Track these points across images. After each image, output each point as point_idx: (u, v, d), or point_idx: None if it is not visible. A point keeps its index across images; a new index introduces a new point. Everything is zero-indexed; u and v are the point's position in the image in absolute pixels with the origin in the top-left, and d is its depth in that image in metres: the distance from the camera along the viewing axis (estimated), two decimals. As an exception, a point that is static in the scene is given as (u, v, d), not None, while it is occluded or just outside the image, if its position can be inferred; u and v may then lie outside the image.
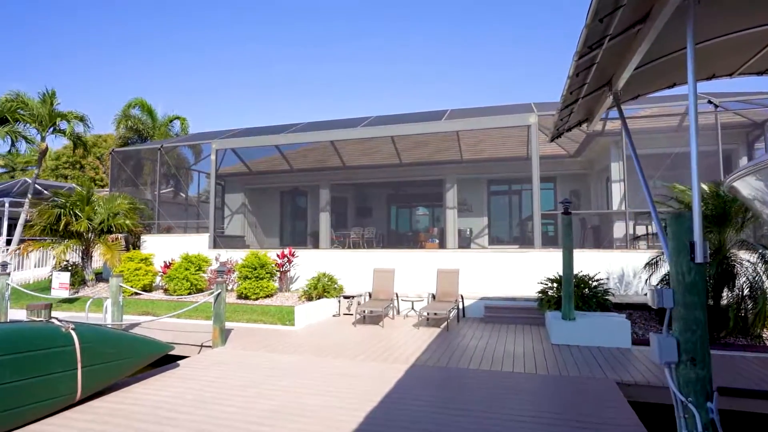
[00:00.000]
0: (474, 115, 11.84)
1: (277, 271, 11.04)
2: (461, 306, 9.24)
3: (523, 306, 8.79)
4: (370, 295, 9.64)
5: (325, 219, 15.04)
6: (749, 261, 6.90)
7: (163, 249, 12.99)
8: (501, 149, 13.82)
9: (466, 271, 9.84)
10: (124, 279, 10.42)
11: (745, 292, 6.69)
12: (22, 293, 9.97)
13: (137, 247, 13.54)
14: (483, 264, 10.34)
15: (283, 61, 72.69)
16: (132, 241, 13.86)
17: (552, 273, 8.44)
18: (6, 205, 17.84)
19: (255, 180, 17.10)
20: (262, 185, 17.36)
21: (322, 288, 9.95)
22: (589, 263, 8.97)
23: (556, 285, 8.08)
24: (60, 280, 9.90)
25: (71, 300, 10.94)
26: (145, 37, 64.75)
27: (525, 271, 9.82)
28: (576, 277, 7.68)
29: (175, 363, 6.01)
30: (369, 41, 72.71)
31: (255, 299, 10.39)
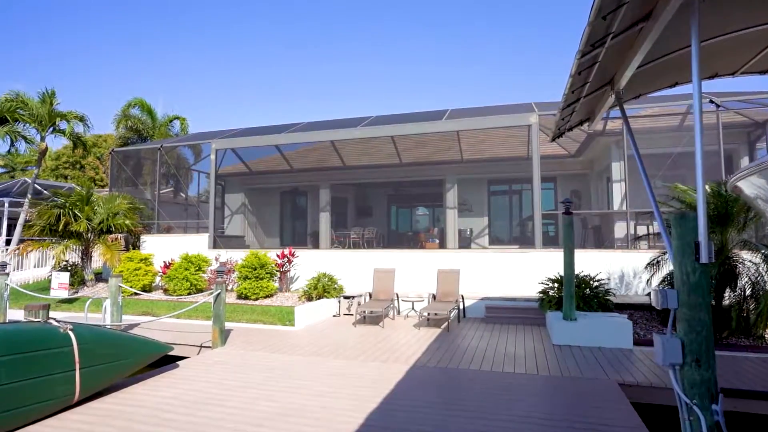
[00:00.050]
0: (474, 115, 11.81)
1: (277, 272, 11.02)
2: (462, 306, 9.22)
3: (524, 306, 8.77)
4: (370, 296, 9.61)
5: (325, 219, 15.01)
6: (751, 261, 6.87)
7: (163, 249, 12.97)
8: (501, 149, 13.79)
9: (466, 272, 9.81)
10: (123, 279, 10.40)
11: (747, 292, 6.66)
12: (21, 293, 9.94)
13: (137, 247, 13.52)
14: (483, 264, 10.32)
15: (283, 61, 72.77)
16: (132, 241, 13.83)
17: (553, 273, 8.41)
18: (5, 205, 17.80)
19: (255, 180, 17.07)
20: (262, 185, 17.33)
21: (322, 288, 9.92)
22: (590, 263, 8.95)
23: (557, 285, 8.04)
24: (59, 280, 9.86)
25: (70, 300, 10.91)
26: (145, 37, 64.81)
27: (525, 272, 9.80)
28: (577, 278, 7.66)
29: (175, 363, 5.98)
30: (369, 41, 72.73)
31: (255, 299, 10.36)
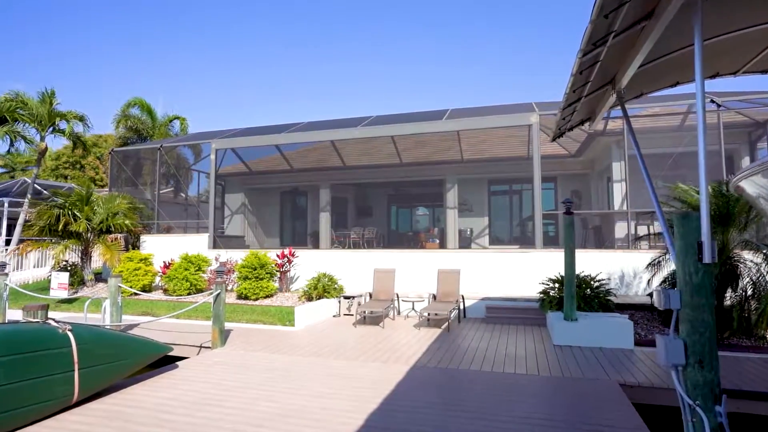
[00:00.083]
0: (474, 115, 11.79)
1: (277, 272, 11.00)
2: (462, 306, 9.20)
3: (525, 306, 8.75)
4: (370, 296, 9.59)
5: (326, 219, 15.00)
6: (752, 261, 6.85)
7: (163, 249, 12.95)
8: (502, 149, 13.76)
9: (466, 272, 9.79)
10: (123, 279, 10.38)
11: (749, 292, 6.64)
12: (20, 293, 9.93)
13: (137, 247, 13.49)
14: (484, 264, 10.30)
15: (283, 61, 72.77)
16: (131, 241, 13.81)
17: (553, 273, 8.39)
18: (5, 205, 17.78)
19: (255, 180, 17.05)
20: (262, 185, 17.31)
21: (322, 288, 9.90)
22: (591, 263, 8.92)
23: (557, 285, 8.02)
24: (59, 280, 9.84)
25: (70, 300, 10.90)
26: (145, 37, 64.81)
27: (526, 272, 9.78)
28: (578, 278, 7.63)
29: (174, 364, 5.96)
30: (369, 41, 72.73)
31: (255, 299, 10.34)
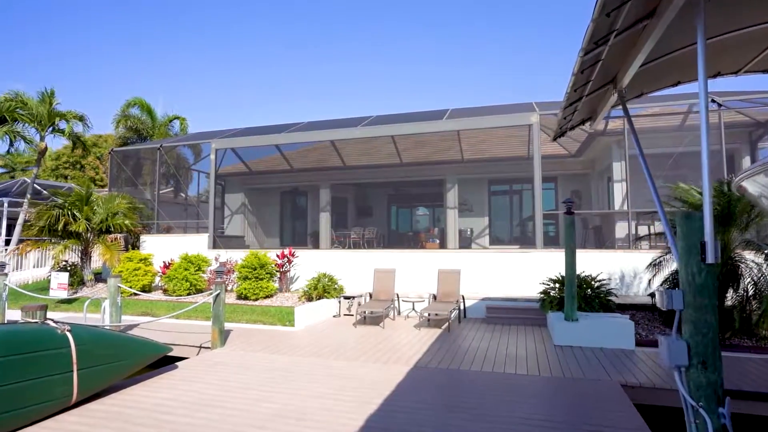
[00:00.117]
0: (475, 115, 11.77)
1: (277, 272, 10.98)
2: (462, 306, 9.18)
3: (525, 306, 8.73)
4: (370, 296, 9.57)
5: (326, 219, 14.98)
6: (754, 261, 6.83)
7: (163, 249, 12.93)
8: (502, 149, 13.75)
9: (467, 272, 9.77)
10: (122, 279, 10.37)
11: (750, 292, 6.62)
12: (20, 294, 9.91)
13: (136, 247, 13.48)
14: (484, 264, 10.28)
15: (283, 61, 72.76)
16: (131, 241, 13.79)
17: (553, 273, 8.37)
18: (5, 205, 17.77)
19: (255, 180, 17.03)
20: (262, 185, 17.29)
21: (322, 288, 9.89)
22: (591, 263, 8.90)
23: (558, 285, 8.00)
24: (58, 280, 9.83)
25: (70, 300, 10.88)
26: (145, 37, 64.80)
27: (526, 272, 9.76)
28: (578, 278, 7.62)
29: (174, 364, 5.94)
30: (369, 41, 72.73)
31: (255, 300, 10.32)
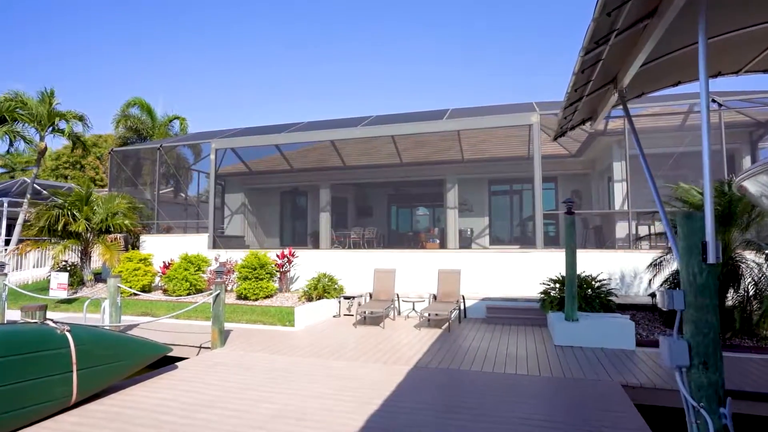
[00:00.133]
0: (475, 115, 11.76)
1: (277, 272, 10.97)
2: (463, 307, 9.17)
3: (525, 307, 8.72)
4: (370, 296, 9.56)
5: (326, 219, 14.97)
6: (754, 261, 6.82)
7: (163, 249, 12.92)
8: (502, 149, 13.74)
9: (467, 272, 9.76)
10: (122, 279, 10.36)
11: (750, 292, 6.62)
12: (20, 294, 9.90)
13: (136, 247, 13.47)
14: (484, 264, 10.27)
15: (283, 61, 72.77)
16: (131, 241, 13.79)
17: (554, 273, 8.36)
18: (5, 205, 17.77)
19: (255, 180, 17.03)
20: (262, 185, 17.28)
21: (322, 288, 9.88)
22: (591, 263, 8.90)
23: (558, 285, 7.99)
24: (58, 280, 9.82)
25: (69, 300, 10.87)
26: (145, 37, 64.81)
27: (527, 272, 9.76)
28: (579, 278, 7.61)
29: (174, 365, 5.93)
30: (369, 41, 72.73)
31: (255, 300, 10.32)
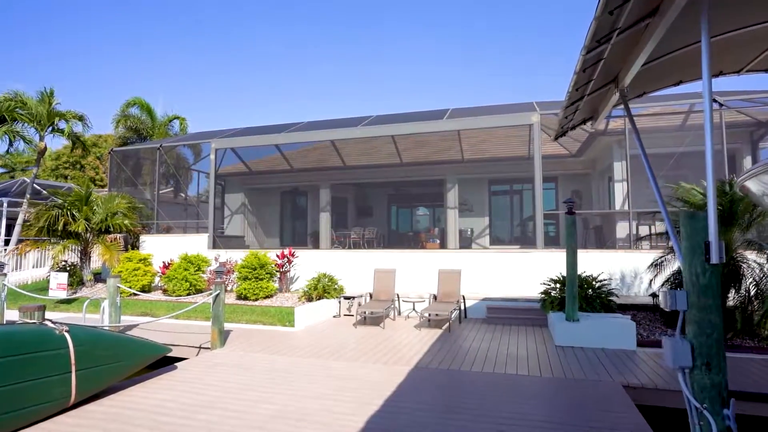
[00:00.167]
0: (475, 115, 11.74)
1: (277, 272, 10.95)
2: (463, 307, 9.15)
3: (526, 307, 8.70)
4: (370, 296, 9.55)
5: (326, 219, 14.95)
6: (755, 261, 6.80)
7: (162, 249, 12.90)
8: (502, 149, 13.72)
9: (467, 272, 9.74)
10: (122, 279, 10.34)
11: (752, 292, 6.60)
12: (19, 294, 9.89)
13: (136, 248, 13.45)
14: (484, 264, 10.25)
15: (283, 62, 72.75)
16: (131, 241, 13.77)
17: (554, 273, 8.34)
18: (4, 205, 17.74)
19: (255, 180, 17.01)
20: (262, 185, 17.26)
21: (322, 289, 9.86)
22: (592, 263, 8.88)
23: (558, 285, 7.98)
24: (58, 280, 9.80)
25: (69, 301, 10.85)
26: (145, 38, 64.80)
27: (527, 272, 9.74)
28: (579, 278, 7.59)
29: (173, 365, 5.92)
30: (369, 41, 72.73)
31: (254, 300, 10.30)
